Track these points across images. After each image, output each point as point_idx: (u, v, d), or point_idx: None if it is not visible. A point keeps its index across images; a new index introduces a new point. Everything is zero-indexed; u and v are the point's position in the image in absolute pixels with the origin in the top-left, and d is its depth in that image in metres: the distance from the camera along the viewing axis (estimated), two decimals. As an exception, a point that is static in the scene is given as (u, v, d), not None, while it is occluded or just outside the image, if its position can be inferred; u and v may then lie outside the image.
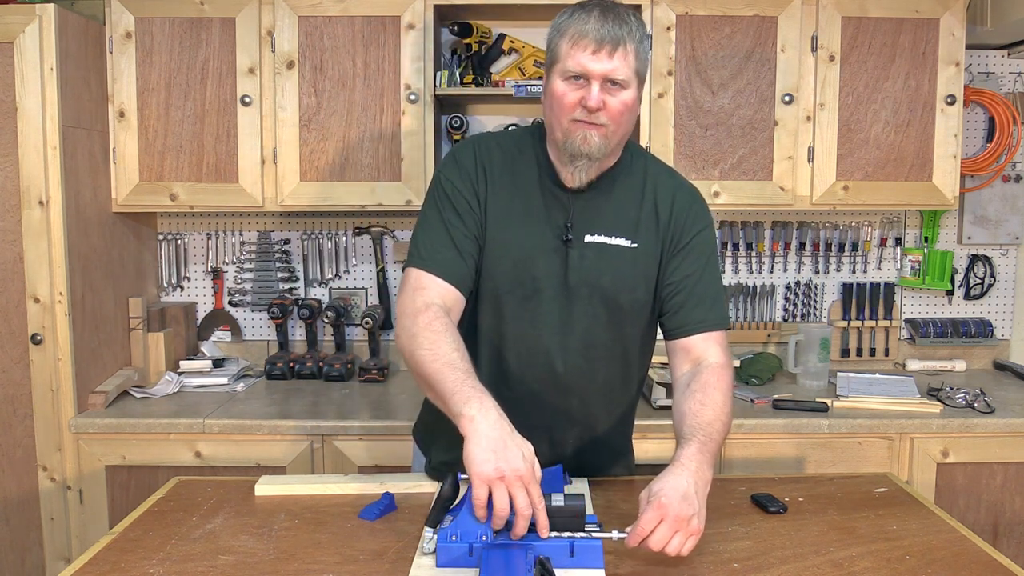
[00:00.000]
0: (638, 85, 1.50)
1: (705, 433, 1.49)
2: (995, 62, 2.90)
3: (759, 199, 2.59)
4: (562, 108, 1.48)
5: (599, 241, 1.56)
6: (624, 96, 1.47)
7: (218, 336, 2.96)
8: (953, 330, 2.95)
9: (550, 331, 1.58)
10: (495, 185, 1.58)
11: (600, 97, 1.45)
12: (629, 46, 1.45)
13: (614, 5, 1.49)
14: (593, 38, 1.44)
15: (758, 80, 2.56)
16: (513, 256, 1.56)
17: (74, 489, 2.37)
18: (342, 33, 2.52)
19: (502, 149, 1.62)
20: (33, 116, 2.28)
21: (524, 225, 1.57)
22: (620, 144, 1.56)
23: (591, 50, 1.44)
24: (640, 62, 1.49)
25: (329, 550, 1.42)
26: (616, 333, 1.61)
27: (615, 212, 1.58)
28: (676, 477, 1.40)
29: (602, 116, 1.46)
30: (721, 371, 1.55)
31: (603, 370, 1.63)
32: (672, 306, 1.60)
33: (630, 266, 1.57)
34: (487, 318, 1.60)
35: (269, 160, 2.55)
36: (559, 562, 1.30)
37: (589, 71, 1.44)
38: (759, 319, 2.96)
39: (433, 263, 1.53)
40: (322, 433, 2.34)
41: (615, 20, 1.45)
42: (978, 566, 1.37)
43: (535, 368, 1.60)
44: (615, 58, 1.44)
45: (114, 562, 1.38)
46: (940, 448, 2.37)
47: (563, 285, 1.56)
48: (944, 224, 2.97)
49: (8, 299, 2.33)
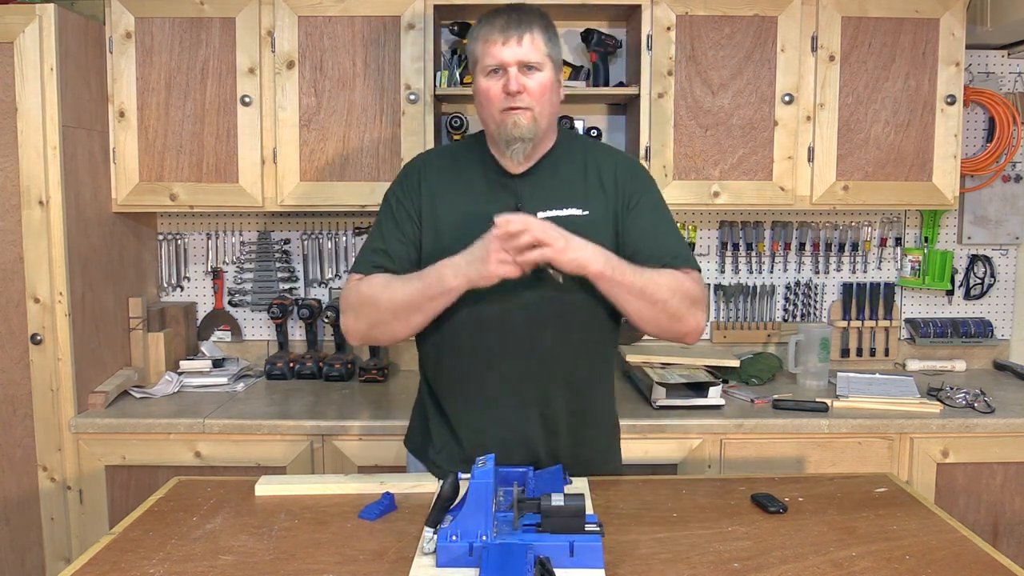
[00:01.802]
0: (554, 68, 1.66)
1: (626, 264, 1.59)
2: (995, 62, 2.90)
3: (759, 199, 2.59)
4: (489, 100, 1.64)
5: (551, 215, 1.66)
6: (540, 77, 1.63)
7: (218, 336, 2.96)
8: (953, 330, 2.96)
9: (522, 304, 1.66)
10: (439, 188, 1.73)
11: (519, 81, 1.61)
12: (536, 32, 1.63)
13: (519, 6, 1.67)
14: (501, 32, 1.62)
15: (758, 80, 2.56)
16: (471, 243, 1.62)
17: (74, 489, 2.37)
18: (342, 33, 2.52)
19: (445, 156, 1.80)
20: (33, 116, 2.28)
21: (477, 214, 1.66)
22: (550, 124, 1.70)
23: (501, 42, 1.61)
24: (551, 47, 1.65)
25: (329, 550, 1.42)
26: (583, 298, 1.67)
27: (561, 187, 1.71)
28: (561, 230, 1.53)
29: (525, 98, 1.62)
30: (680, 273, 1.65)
31: (579, 334, 1.69)
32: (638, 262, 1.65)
33: (585, 231, 1.64)
34: (462, 306, 1.66)
35: (269, 160, 2.55)
36: (559, 562, 1.30)
37: (503, 60, 1.61)
38: (759, 319, 2.96)
39: (363, 267, 1.71)
40: (322, 433, 2.34)
41: (518, 15, 1.64)
42: (978, 566, 1.37)
43: (516, 342, 1.67)
44: (524, 43, 1.61)
45: (114, 562, 1.38)
46: (940, 448, 2.38)
47: None
48: (944, 224, 2.97)
49: (8, 299, 2.33)
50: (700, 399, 2.41)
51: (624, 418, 2.33)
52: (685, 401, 2.41)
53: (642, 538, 1.47)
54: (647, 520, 1.55)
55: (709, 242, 2.96)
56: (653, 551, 1.42)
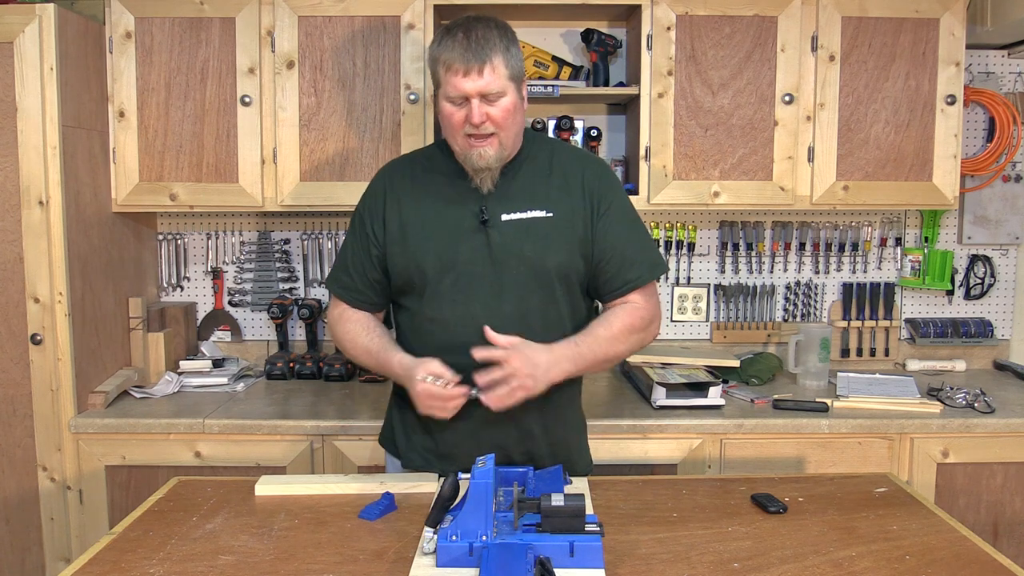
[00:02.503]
0: (516, 87, 1.68)
1: (587, 342, 1.71)
2: (995, 62, 2.90)
3: (759, 199, 2.59)
4: (452, 126, 1.67)
5: (515, 218, 1.72)
6: (503, 103, 1.65)
7: (218, 336, 2.96)
8: (953, 330, 2.95)
9: (485, 306, 1.70)
10: (405, 195, 1.77)
11: (482, 111, 1.63)
12: (496, 59, 1.63)
13: (476, 21, 1.67)
14: (461, 63, 1.61)
15: (758, 80, 2.56)
16: (436, 248, 1.71)
17: (74, 489, 2.37)
18: (342, 33, 2.52)
19: (411, 164, 1.84)
20: (33, 116, 2.28)
21: (441, 219, 1.73)
22: (516, 139, 1.73)
23: (461, 73, 1.62)
24: (511, 68, 1.66)
25: (329, 550, 1.43)
26: (547, 298, 1.73)
27: (524, 190, 1.74)
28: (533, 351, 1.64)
29: (489, 126, 1.65)
30: (633, 310, 1.77)
31: (540, 335, 1.71)
32: (604, 272, 1.76)
33: (550, 233, 1.72)
34: (427, 308, 1.74)
35: (269, 160, 2.55)
36: (559, 562, 1.31)
37: (465, 92, 1.62)
38: (759, 319, 2.96)
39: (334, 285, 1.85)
40: (322, 433, 2.34)
41: (477, 40, 1.63)
42: (978, 566, 1.37)
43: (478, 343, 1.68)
44: (484, 74, 1.62)
45: (114, 562, 1.38)
46: (940, 448, 2.37)
47: (489, 262, 1.70)
48: (944, 224, 2.97)
49: (8, 299, 2.33)
50: (700, 399, 2.41)
51: (624, 418, 2.34)
52: (685, 401, 2.42)
53: (642, 538, 1.47)
54: (647, 520, 1.55)
55: (709, 242, 2.96)
56: (653, 551, 1.42)
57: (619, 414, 2.37)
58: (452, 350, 1.69)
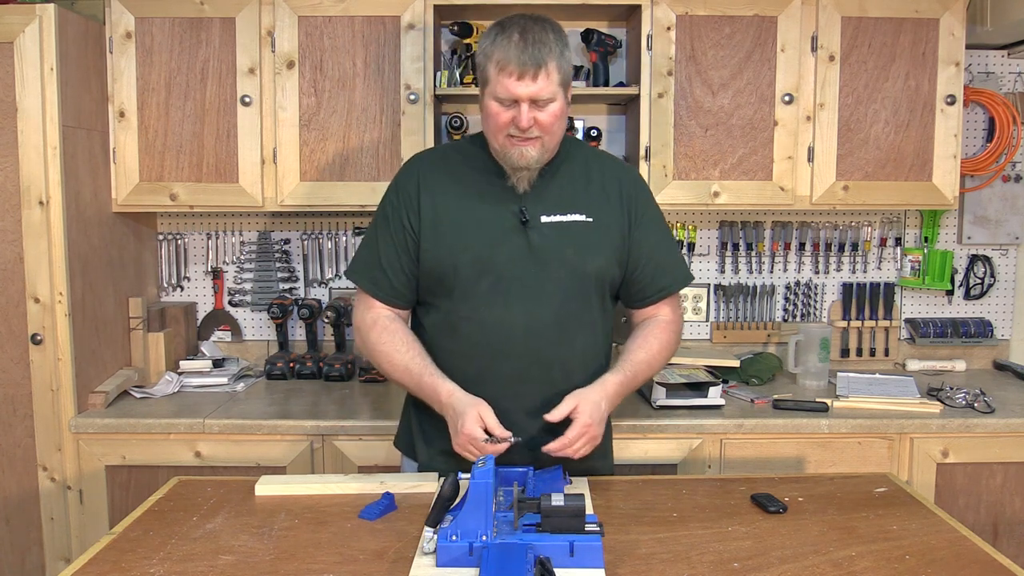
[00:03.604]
0: (564, 92, 1.65)
1: (632, 369, 1.72)
2: (995, 62, 2.90)
3: (759, 199, 2.59)
4: (496, 126, 1.64)
5: (555, 220, 1.70)
6: (552, 108, 1.62)
7: (218, 336, 2.96)
8: (953, 330, 2.95)
9: (524, 309, 1.68)
10: (439, 188, 1.73)
11: (530, 117, 1.60)
12: (550, 65, 1.60)
13: (532, 22, 1.62)
14: (516, 65, 1.58)
15: (758, 80, 2.56)
16: (474, 247, 1.68)
17: (74, 489, 2.37)
18: (342, 33, 2.52)
19: (445, 159, 1.80)
20: (33, 116, 2.28)
21: (479, 217, 1.70)
22: (559, 143, 1.71)
23: (515, 76, 1.58)
24: (563, 74, 1.63)
25: (329, 550, 1.43)
26: (584, 303, 1.73)
27: (563, 194, 1.73)
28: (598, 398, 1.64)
29: (534, 131, 1.62)
30: (666, 326, 1.80)
31: (578, 339, 1.72)
32: (638, 280, 1.78)
33: (590, 237, 1.71)
34: (462, 308, 1.71)
35: (269, 160, 2.55)
36: (559, 562, 1.31)
37: (516, 95, 1.59)
38: (759, 319, 2.96)
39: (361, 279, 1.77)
40: (322, 433, 2.34)
41: (534, 42, 1.59)
42: (978, 566, 1.37)
43: (515, 346, 1.69)
44: (538, 80, 1.59)
45: (114, 562, 1.38)
46: (940, 448, 2.37)
47: (529, 263, 1.68)
48: (944, 224, 2.97)
49: (8, 299, 2.33)
50: (700, 399, 2.41)
51: (624, 418, 2.34)
52: (685, 401, 2.42)
53: (642, 538, 1.47)
54: (647, 520, 1.55)
55: (709, 242, 2.96)
56: (653, 551, 1.42)
57: (619, 414, 2.36)
58: (487, 352, 1.69)
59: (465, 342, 1.71)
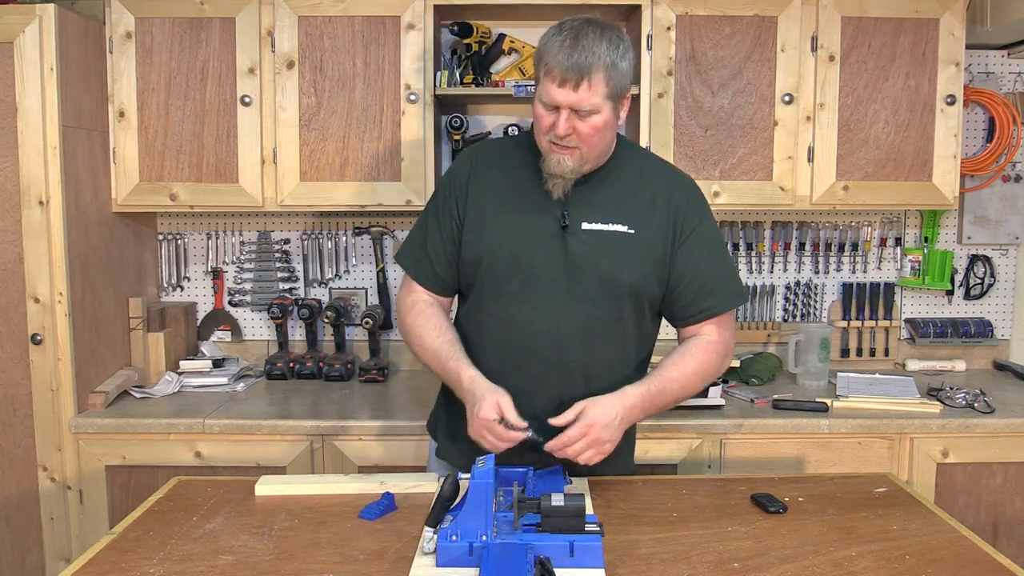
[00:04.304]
0: (613, 104, 1.60)
1: (659, 384, 1.67)
2: (995, 62, 2.90)
3: (759, 199, 2.59)
4: (540, 129, 1.63)
5: (596, 228, 1.67)
6: (594, 120, 1.58)
7: (218, 336, 2.96)
8: (953, 330, 2.95)
9: (550, 312, 1.67)
10: (488, 184, 1.72)
11: (568, 125, 1.57)
12: (596, 76, 1.54)
13: (590, 27, 1.58)
14: (560, 71, 1.54)
15: (758, 80, 2.56)
16: (512, 245, 1.67)
17: (74, 489, 2.37)
18: (342, 33, 2.52)
19: (500, 151, 1.78)
20: (33, 116, 2.28)
21: (521, 216, 1.68)
22: (602, 154, 1.67)
23: (557, 82, 1.56)
24: (612, 86, 1.57)
25: (329, 550, 1.43)
26: (615, 314, 1.70)
27: (610, 202, 1.69)
28: (610, 405, 1.59)
29: (572, 140, 1.59)
30: (708, 346, 1.73)
31: (602, 348, 1.70)
32: (681, 298, 1.72)
33: (629, 250, 1.67)
34: (492, 304, 1.71)
35: (269, 160, 2.55)
36: (559, 562, 1.31)
37: (557, 102, 1.57)
38: (759, 319, 2.96)
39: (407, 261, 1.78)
40: (322, 433, 2.34)
41: (584, 49, 1.54)
42: (978, 566, 1.37)
43: (538, 348, 1.68)
44: (580, 90, 1.55)
45: (114, 562, 1.38)
46: (940, 448, 2.37)
47: (563, 269, 1.66)
48: (944, 224, 2.97)
49: (8, 299, 2.33)
50: (700, 399, 2.41)
51: (624, 418, 2.33)
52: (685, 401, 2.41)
53: (642, 538, 1.47)
54: (647, 520, 1.55)
55: (709, 242, 2.95)
56: (653, 551, 1.42)
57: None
58: (513, 351, 1.69)
59: (490, 338, 1.72)
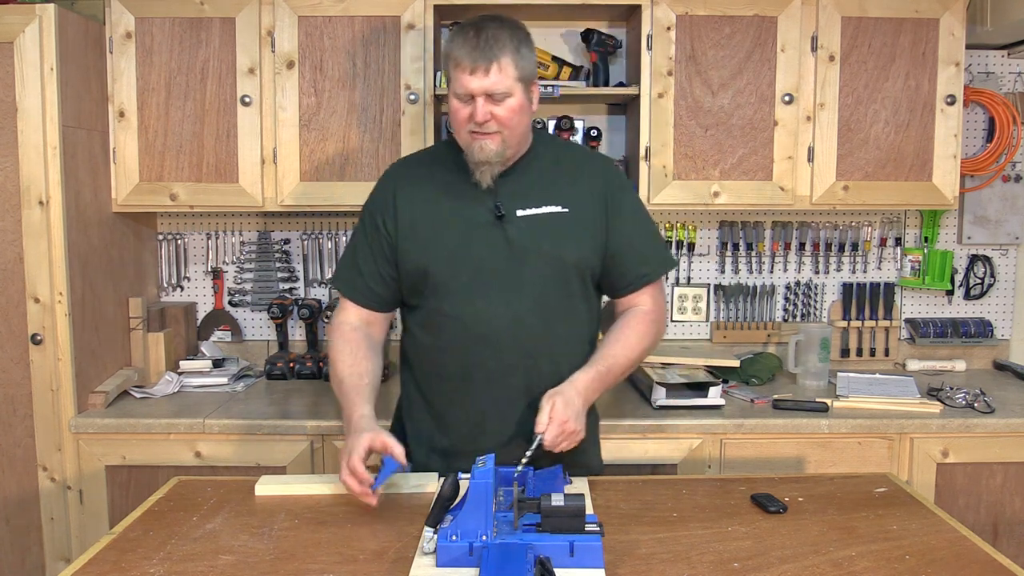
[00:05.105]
0: (524, 88, 1.68)
1: (607, 363, 1.73)
2: (995, 62, 2.90)
3: (759, 199, 2.59)
4: (458, 123, 1.69)
5: (531, 213, 1.73)
6: (509, 103, 1.66)
7: (218, 336, 2.96)
8: (953, 330, 2.95)
9: (504, 302, 1.71)
10: (415, 191, 1.78)
11: (485, 110, 1.64)
12: (504, 59, 1.63)
13: (490, 20, 1.68)
14: (469, 61, 1.63)
15: (758, 80, 2.56)
16: (453, 244, 1.72)
17: (74, 489, 2.37)
18: (342, 33, 2.52)
19: (420, 164, 1.86)
20: (33, 116, 2.28)
21: (456, 215, 1.73)
22: (522, 139, 1.74)
23: (468, 72, 1.63)
24: (520, 69, 1.66)
25: (329, 550, 1.43)
26: (566, 293, 1.75)
27: (538, 187, 1.76)
28: (572, 395, 1.65)
29: (492, 125, 1.66)
30: (644, 316, 1.80)
31: (559, 327, 1.75)
32: (616, 267, 1.79)
33: (567, 228, 1.74)
34: (444, 305, 1.74)
35: (269, 160, 2.55)
36: (559, 562, 1.31)
37: (470, 90, 1.64)
38: (759, 319, 2.96)
39: (342, 285, 1.82)
40: (322, 433, 2.34)
41: (489, 38, 1.63)
42: (978, 566, 1.37)
43: (499, 338, 1.72)
44: (491, 74, 1.63)
45: (114, 562, 1.38)
46: (940, 448, 2.37)
47: (507, 257, 1.71)
48: (944, 224, 2.97)
49: (8, 299, 2.33)
50: (700, 399, 2.41)
51: (624, 418, 2.34)
52: (685, 401, 2.41)
53: (642, 538, 1.47)
54: (647, 520, 1.55)
55: (709, 242, 2.96)
56: (653, 551, 1.42)
57: (619, 414, 2.37)
58: (474, 346, 1.72)
59: (449, 339, 1.75)
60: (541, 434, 1.59)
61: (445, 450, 1.81)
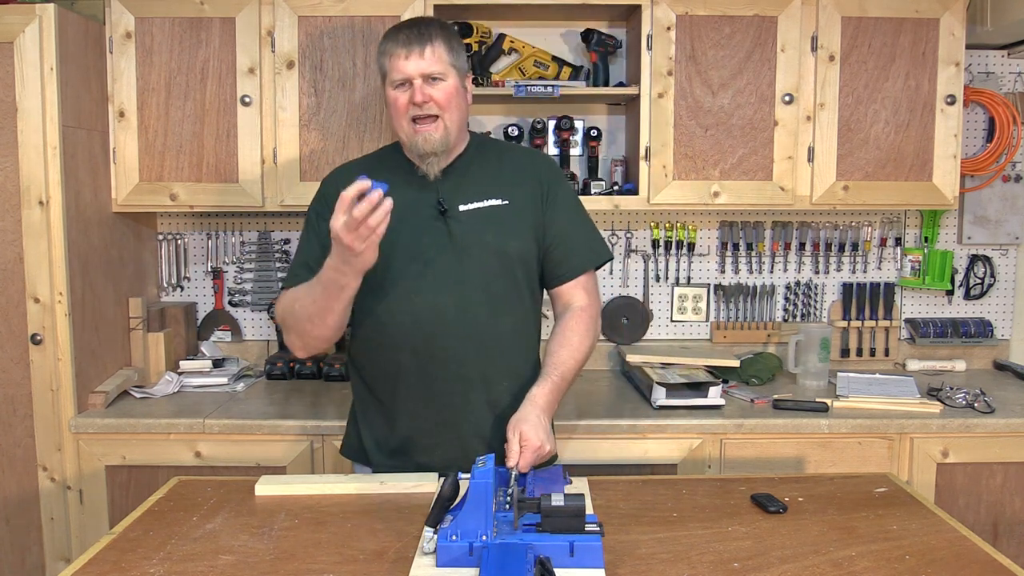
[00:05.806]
0: (458, 76, 1.75)
1: (559, 372, 1.75)
2: (995, 62, 2.90)
3: (759, 199, 2.59)
4: (398, 112, 1.73)
5: (473, 207, 1.78)
6: (445, 86, 1.72)
7: (218, 336, 2.96)
8: (953, 330, 2.95)
9: (451, 292, 1.74)
10: None
11: (424, 92, 1.70)
12: (436, 43, 1.71)
13: (418, 19, 1.79)
14: (404, 47, 1.70)
15: (758, 80, 2.56)
16: (399, 240, 1.73)
17: (74, 489, 2.37)
18: (342, 33, 2.52)
19: (363, 166, 1.87)
20: (33, 116, 2.28)
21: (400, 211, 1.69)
22: (461, 130, 1.80)
23: (403, 56, 1.70)
24: (454, 56, 1.74)
25: (329, 550, 1.43)
26: (511, 283, 1.79)
27: (479, 183, 1.81)
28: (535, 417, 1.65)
29: (432, 107, 1.71)
30: (581, 313, 1.83)
31: (506, 317, 1.79)
32: (552, 258, 1.83)
33: (509, 220, 1.79)
34: (393, 300, 1.76)
35: (269, 160, 2.55)
36: (559, 562, 1.30)
37: (407, 73, 1.70)
38: (759, 319, 2.96)
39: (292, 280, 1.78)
40: (322, 433, 2.34)
41: (421, 28, 1.72)
42: (978, 566, 1.37)
43: (449, 328, 1.74)
44: (425, 56, 1.70)
45: (114, 562, 1.38)
46: (940, 448, 2.37)
47: (451, 251, 1.75)
48: (944, 224, 2.97)
49: (8, 299, 2.33)
50: (700, 399, 2.41)
51: (624, 418, 2.34)
52: (685, 401, 2.41)
53: (642, 538, 1.47)
54: (647, 520, 1.55)
55: (709, 242, 2.96)
56: (653, 551, 1.42)
57: (619, 414, 2.37)
58: (424, 339, 1.75)
59: (400, 334, 1.77)
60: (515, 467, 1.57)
61: (402, 448, 1.82)
